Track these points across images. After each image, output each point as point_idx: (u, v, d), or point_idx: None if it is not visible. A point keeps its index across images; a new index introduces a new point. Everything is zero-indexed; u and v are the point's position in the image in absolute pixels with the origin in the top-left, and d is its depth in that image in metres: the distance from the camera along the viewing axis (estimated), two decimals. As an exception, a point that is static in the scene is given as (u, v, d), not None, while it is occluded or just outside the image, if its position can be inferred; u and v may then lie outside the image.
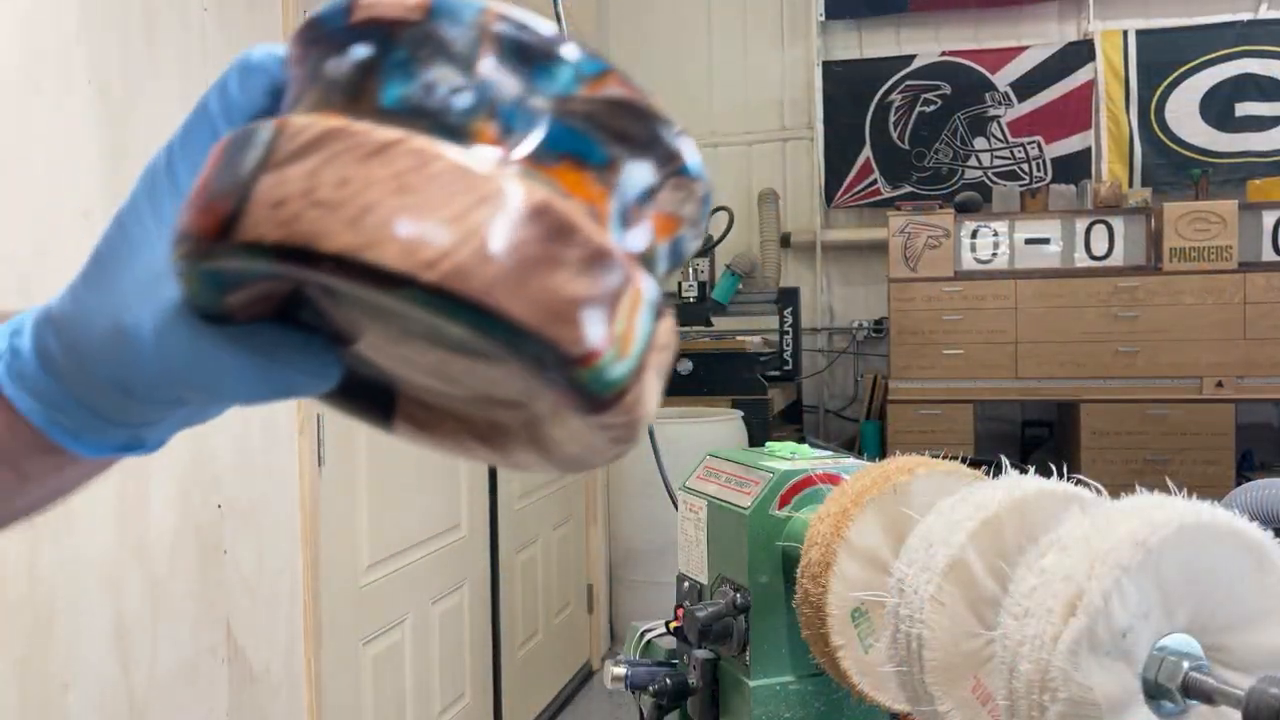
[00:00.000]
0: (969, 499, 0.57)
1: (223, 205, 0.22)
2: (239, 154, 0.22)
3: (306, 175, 0.21)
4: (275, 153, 0.22)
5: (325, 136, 0.21)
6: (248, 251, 0.22)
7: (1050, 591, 0.48)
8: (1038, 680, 0.48)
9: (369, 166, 0.21)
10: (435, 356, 0.26)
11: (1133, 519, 0.48)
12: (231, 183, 0.22)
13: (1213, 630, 0.50)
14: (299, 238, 0.21)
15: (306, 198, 0.21)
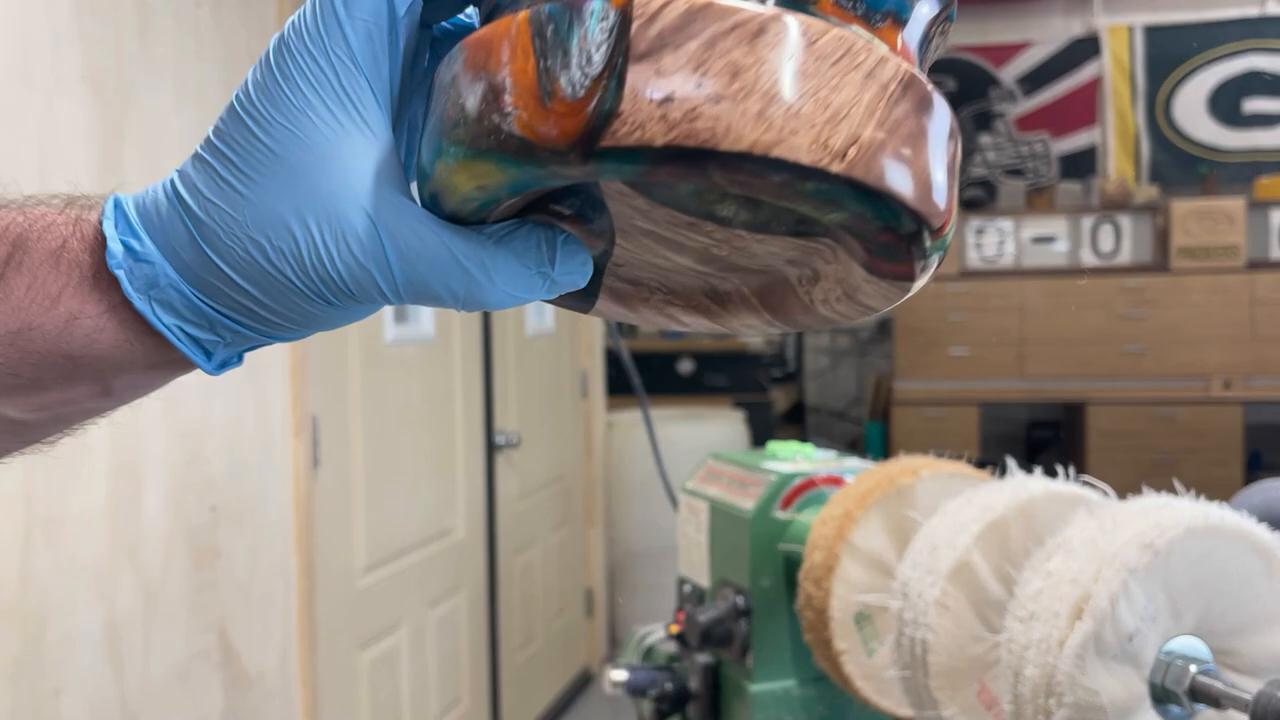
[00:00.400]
0: (974, 501, 0.57)
1: (585, 102, 0.19)
2: (572, 34, 0.20)
3: (691, 64, 0.19)
4: (637, 37, 0.19)
5: (694, 16, 0.19)
6: (625, 157, 0.19)
7: (1056, 595, 0.48)
8: (1044, 684, 0.47)
9: (756, 49, 0.19)
10: (701, 236, 0.25)
11: (1140, 521, 0.48)
12: (587, 74, 0.19)
13: (1221, 633, 0.49)
14: (697, 137, 0.19)
15: (700, 91, 0.19)
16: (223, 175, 0.24)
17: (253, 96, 0.24)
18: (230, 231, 0.24)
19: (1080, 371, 3.49)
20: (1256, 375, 3.37)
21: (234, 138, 0.24)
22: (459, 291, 0.24)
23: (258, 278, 0.24)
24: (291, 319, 0.25)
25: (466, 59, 0.22)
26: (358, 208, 0.23)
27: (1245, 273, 3.37)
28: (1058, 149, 3.90)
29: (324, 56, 0.23)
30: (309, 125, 0.23)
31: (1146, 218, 3.52)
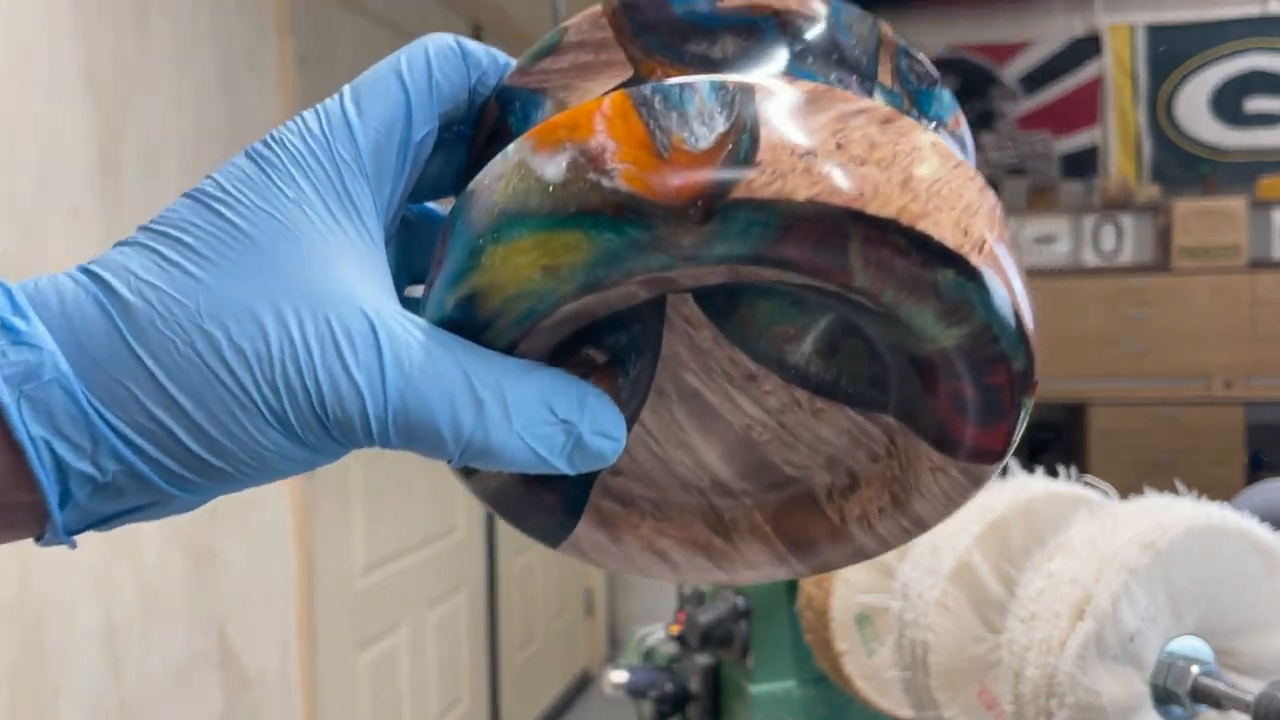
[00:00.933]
0: (975, 501, 0.57)
1: (715, 151, 0.17)
2: (686, 104, 0.18)
3: (829, 129, 0.18)
4: (762, 104, 0.18)
5: (820, 96, 0.18)
6: (757, 215, 0.17)
7: (1057, 595, 0.48)
8: (1044, 685, 0.47)
9: (888, 132, 0.18)
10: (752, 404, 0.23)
11: (1141, 521, 0.47)
12: (707, 129, 0.17)
13: (1222, 634, 0.49)
14: (843, 195, 0.17)
15: (843, 152, 0.17)
16: (169, 258, 0.18)
17: (224, 185, 0.19)
18: (171, 318, 0.18)
19: (1081, 371, 3.49)
20: (1258, 375, 3.36)
21: (192, 222, 0.19)
22: (465, 427, 0.19)
23: (197, 384, 0.18)
24: (220, 453, 0.18)
25: (535, 144, 0.19)
26: (354, 307, 0.18)
27: (1247, 272, 3.37)
28: (1059, 148, 3.89)
29: (327, 156, 0.20)
30: (298, 215, 0.19)
31: (1148, 217, 3.52)
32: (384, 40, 1.74)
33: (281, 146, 0.20)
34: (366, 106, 0.21)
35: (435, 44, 0.22)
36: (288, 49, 1.40)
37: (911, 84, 0.22)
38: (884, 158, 0.18)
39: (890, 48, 0.22)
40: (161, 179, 1.16)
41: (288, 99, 1.39)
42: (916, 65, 0.22)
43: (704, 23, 0.21)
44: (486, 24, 2.15)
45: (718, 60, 0.21)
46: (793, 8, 0.21)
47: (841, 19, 0.22)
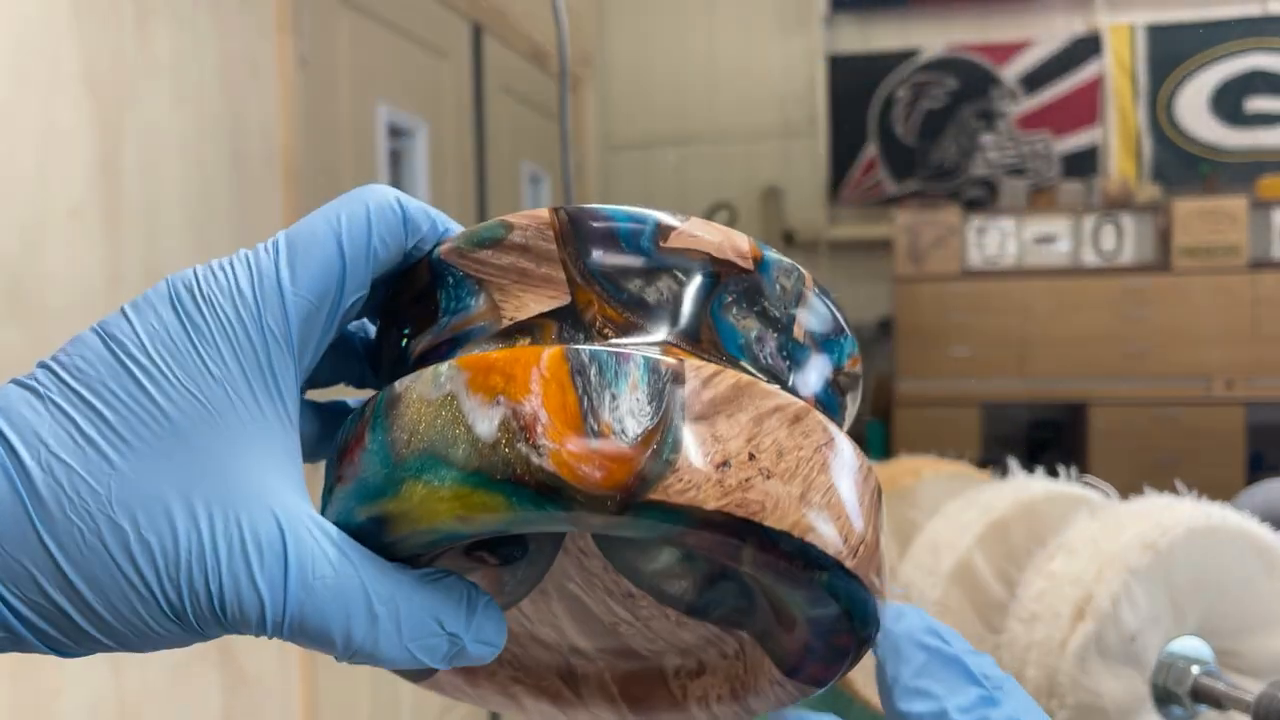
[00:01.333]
0: (976, 501, 0.57)
1: (640, 450, 0.18)
2: (622, 380, 0.19)
3: (744, 435, 0.19)
4: (692, 399, 0.19)
5: (741, 391, 0.19)
6: (668, 515, 0.18)
7: (1058, 595, 0.47)
8: (1045, 685, 0.47)
9: (795, 435, 0.20)
10: (626, 611, 0.25)
11: (1141, 521, 0.47)
12: (641, 423, 0.18)
13: (1223, 634, 0.49)
14: (748, 507, 0.18)
15: (754, 463, 0.19)
16: (87, 434, 0.18)
17: (148, 348, 0.19)
18: (81, 504, 0.18)
19: (1082, 371, 3.49)
20: (1259, 375, 3.36)
21: (112, 389, 0.18)
22: (356, 638, 0.19)
23: (99, 573, 0.18)
24: (109, 633, 0.18)
25: (469, 382, 0.19)
26: (265, 509, 0.18)
27: (1247, 272, 3.36)
28: (1059, 148, 3.89)
29: (256, 329, 0.19)
30: (222, 398, 0.19)
31: (1148, 217, 3.52)
32: (384, 40, 1.74)
33: (211, 310, 0.19)
34: (301, 272, 0.20)
35: (376, 203, 0.21)
36: (288, 49, 1.40)
37: (819, 335, 0.24)
38: (788, 469, 0.19)
39: (808, 300, 0.23)
40: (161, 179, 1.16)
41: (287, 98, 1.39)
42: (827, 316, 0.24)
43: (644, 259, 0.22)
44: (486, 24, 2.15)
45: (651, 305, 0.21)
46: (730, 259, 0.22)
47: (771, 274, 0.23)
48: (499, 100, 2.22)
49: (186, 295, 0.19)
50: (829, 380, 0.24)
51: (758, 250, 0.22)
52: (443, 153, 1.95)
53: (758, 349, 0.22)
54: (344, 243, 0.20)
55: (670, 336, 0.21)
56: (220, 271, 0.20)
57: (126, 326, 0.19)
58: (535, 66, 2.41)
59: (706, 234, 0.22)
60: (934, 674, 0.19)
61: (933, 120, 3.93)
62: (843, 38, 4.07)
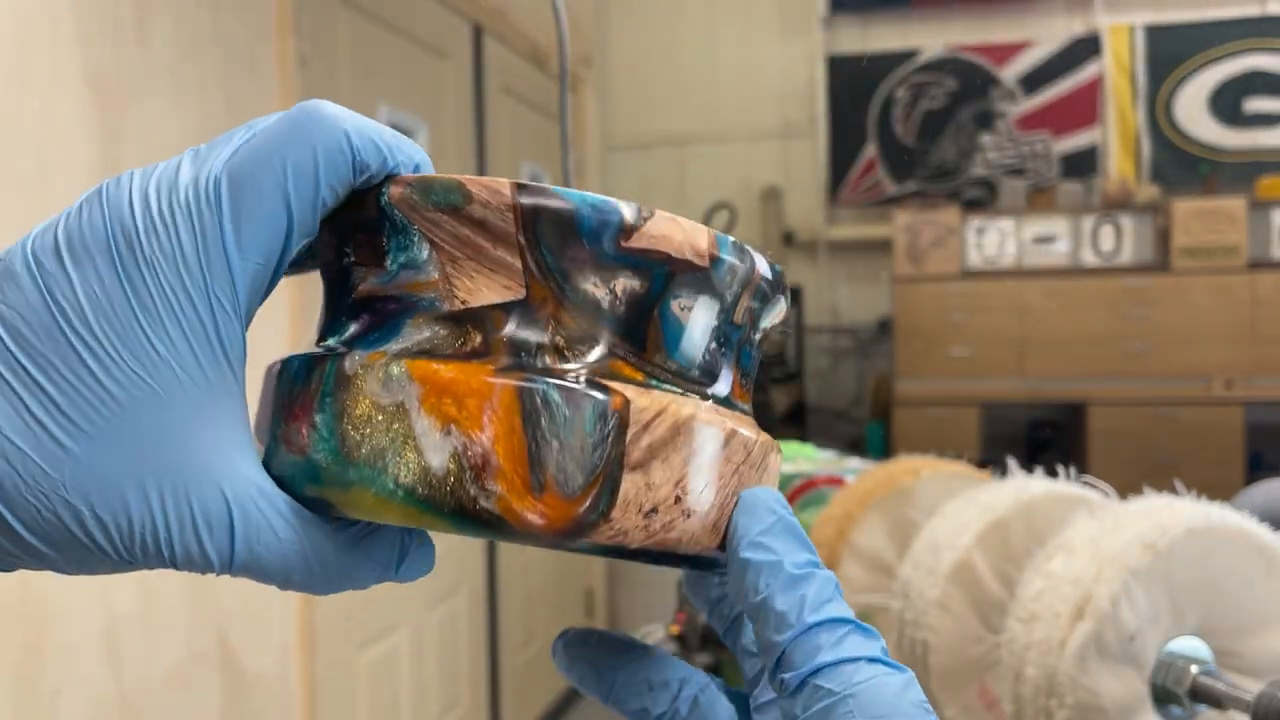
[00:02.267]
0: (975, 501, 0.57)
1: (578, 503, 0.20)
2: (570, 428, 0.20)
3: (674, 479, 0.21)
4: (631, 446, 0.20)
5: (678, 430, 0.21)
6: (596, 550, 0.21)
7: (1058, 595, 0.48)
8: (1044, 685, 0.47)
9: (719, 466, 0.22)
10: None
11: (1141, 521, 0.47)
12: (584, 474, 0.20)
13: (1222, 634, 0.49)
14: (666, 544, 0.21)
15: (679, 505, 0.21)
16: (38, 416, 0.18)
17: (89, 316, 0.18)
18: (36, 487, 0.18)
19: (1081, 372, 3.49)
20: (1258, 375, 3.36)
21: (58, 367, 0.18)
22: (294, 580, 0.21)
23: (57, 539, 0.19)
24: (67, 568, 0.20)
25: (422, 398, 0.20)
26: (214, 486, 0.19)
27: (1247, 273, 3.37)
28: (1058, 148, 3.89)
29: (203, 299, 0.19)
30: (171, 379, 0.19)
31: (1148, 217, 3.52)
32: (384, 40, 1.74)
33: (155, 277, 0.19)
34: (247, 233, 0.19)
35: (324, 145, 0.20)
36: (288, 49, 1.40)
37: (762, 307, 0.25)
38: (704, 503, 0.22)
39: (754, 281, 0.24)
40: None
41: (288, 99, 1.39)
42: (768, 290, 0.24)
43: (602, 257, 0.21)
44: (486, 24, 2.15)
45: (604, 309, 0.21)
46: (687, 258, 0.22)
47: (723, 269, 0.23)
48: (499, 100, 2.22)
49: (127, 252, 0.18)
50: (756, 345, 0.25)
51: (715, 248, 0.22)
52: (443, 153, 1.95)
53: (699, 345, 0.23)
54: (290, 197, 0.20)
55: (616, 346, 0.21)
56: (161, 225, 0.19)
57: (66, 286, 0.18)
58: (535, 66, 2.41)
59: (669, 233, 0.21)
60: (777, 535, 0.21)
61: (932, 120, 3.93)
62: (842, 38, 4.07)
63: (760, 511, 0.22)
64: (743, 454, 0.22)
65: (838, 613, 0.20)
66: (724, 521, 0.22)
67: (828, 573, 0.21)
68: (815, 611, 0.20)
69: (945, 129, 3.93)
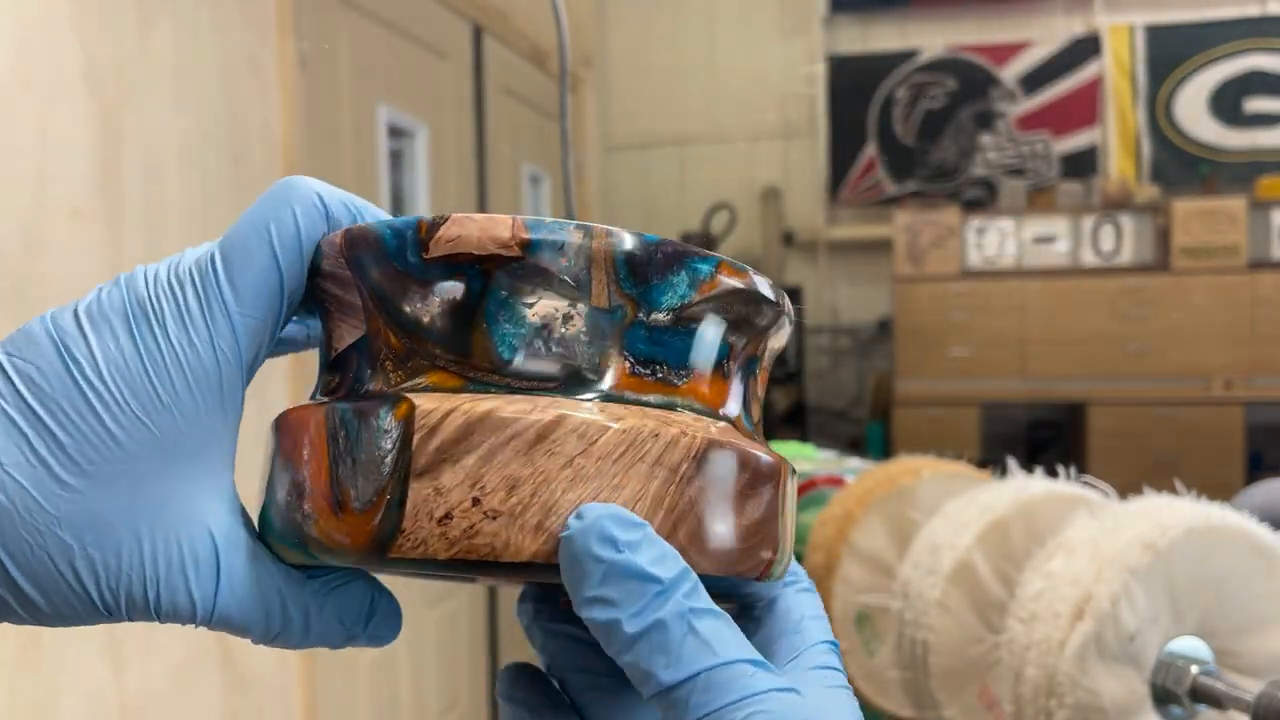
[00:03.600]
0: (975, 501, 0.57)
1: (370, 517, 0.20)
2: (360, 443, 0.20)
3: (468, 481, 0.19)
4: (418, 452, 0.20)
5: (471, 428, 0.20)
6: (412, 565, 0.20)
7: (1057, 595, 0.48)
8: (1044, 685, 0.47)
9: (534, 459, 0.20)
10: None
11: (1141, 521, 0.47)
12: (372, 488, 0.20)
13: (1222, 634, 0.49)
14: (478, 552, 0.19)
15: (478, 508, 0.19)
16: (40, 454, 0.19)
17: (101, 367, 0.19)
18: (31, 522, 0.19)
19: (1081, 371, 3.49)
20: (1258, 375, 3.37)
21: (66, 411, 0.19)
22: (271, 632, 0.22)
23: (41, 576, 0.19)
24: (40, 620, 0.20)
25: (281, 441, 0.22)
26: (204, 531, 0.20)
27: (1246, 273, 3.37)
28: (1058, 148, 3.89)
29: (209, 352, 0.20)
30: (173, 427, 0.20)
31: (1148, 217, 3.52)
32: (384, 40, 1.74)
33: (165, 335, 0.20)
34: (244, 290, 0.21)
35: (301, 206, 0.22)
36: (288, 49, 1.40)
37: (636, 283, 0.22)
38: (519, 501, 0.19)
39: (603, 257, 0.21)
40: (162, 179, 1.16)
41: (288, 99, 1.39)
42: (638, 260, 0.21)
43: (415, 274, 0.21)
44: (486, 24, 2.15)
45: (426, 325, 0.21)
46: (493, 252, 0.21)
47: (547, 250, 0.21)
48: (499, 100, 2.22)
49: (142, 317, 0.20)
50: (667, 324, 0.22)
51: (523, 232, 0.21)
52: (443, 153, 1.95)
53: (542, 339, 0.21)
54: (279, 255, 0.21)
55: (439, 357, 0.21)
56: (169, 291, 0.21)
57: (84, 346, 0.20)
58: (535, 67, 2.41)
59: (464, 231, 0.21)
60: (611, 584, 0.19)
61: (932, 120, 3.93)
62: (842, 38, 4.07)
63: (584, 563, 0.19)
64: (578, 445, 0.20)
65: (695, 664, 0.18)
66: (558, 523, 0.19)
67: (675, 608, 0.18)
68: (670, 670, 0.18)
69: (945, 129, 3.93)
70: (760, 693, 0.18)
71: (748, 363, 0.24)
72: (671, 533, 0.20)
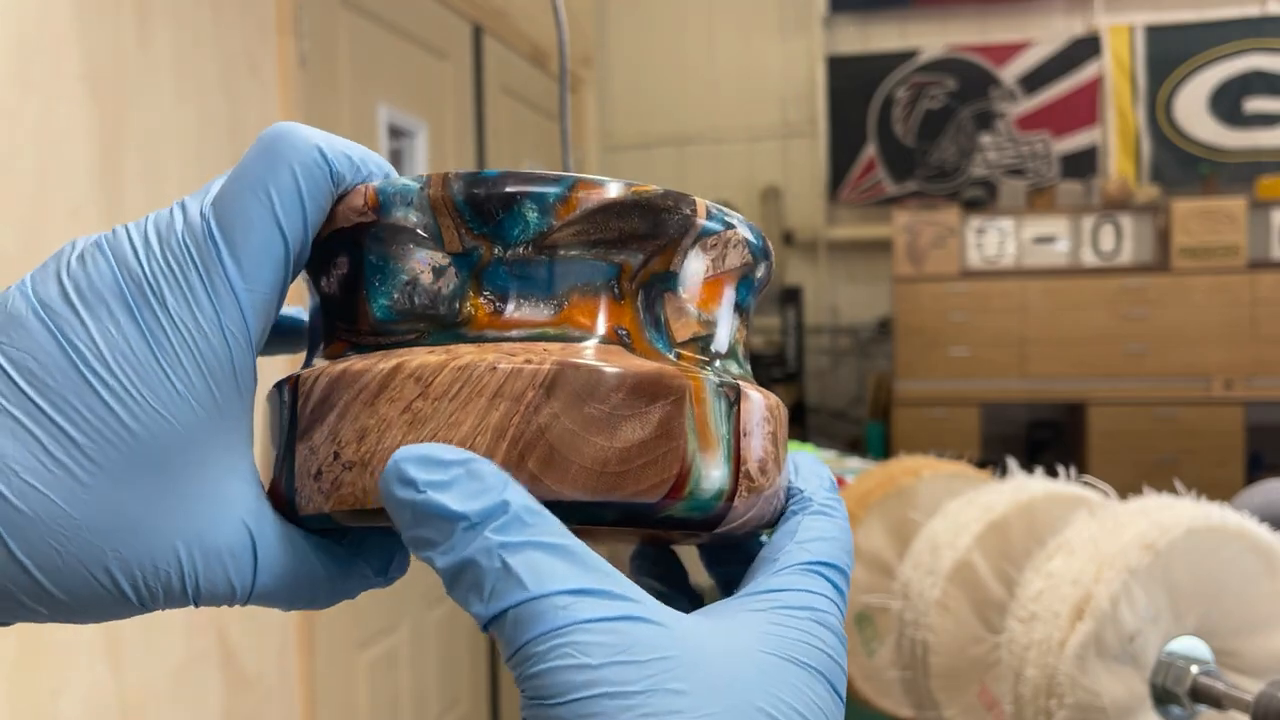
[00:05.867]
0: (975, 501, 0.57)
1: (279, 482, 0.22)
2: (278, 418, 0.22)
3: (329, 438, 0.21)
4: (299, 417, 0.21)
5: (331, 387, 0.21)
6: (317, 521, 0.21)
7: (1057, 595, 0.48)
8: (1044, 685, 0.47)
9: (378, 409, 0.20)
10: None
11: (1141, 521, 0.47)
12: (278, 456, 0.22)
13: (1222, 634, 0.49)
14: (347, 502, 0.20)
15: (338, 461, 0.20)
16: (57, 457, 0.18)
17: (106, 358, 0.18)
18: (58, 531, 0.18)
19: (1081, 372, 3.49)
20: (1258, 375, 3.37)
21: (78, 408, 0.18)
22: (300, 600, 0.21)
23: (74, 584, 0.18)
24: (77, 616, 0.19)
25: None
26: (237, 521, 0.20)
27: (1246, 273, 3.37)
28: (1058, 149, 3.89)
29: (215, 331, 0.19)
30: (189, 415, 0.19)
31: (1147, 217, 3.52)
32: (384, 40, 1.74)
33: (170, 320, 0.19)
34: (249, 266, 0.20)
35: (301, 163, 0.20)
36: (288, 49, 1.40)
37: (486, 224, 0.21)
38: (369, 450, 0.20)
39: (445, 203, 0.21)
40: (162, 179, 1.16)
41: (288, 99, 1.39)
42: (481, 198, 0.21)
43: (318, 255, 0.23)
44: (486, 24, 2.15)
45: (332, 302, 0.23)
46: (355, 222, 0.22)
47: (394, 208, 0.21)
48: (499, 100, 2.22)
49: (139, 296, 0.19)
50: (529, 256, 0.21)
51: (374, 197, 0.21)
52: (443, 153, 1.95)
53: (407, 295, 0.21)
54: (282, 222, 0.20)
55: (339, 329, 0.23)
56: (167, 268, 0.19)
57: (82, 331, 0.19)
58: (535, 66, 2.41)
59: (336, 208, 0.22)
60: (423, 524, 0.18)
61: (932, 121, 3.93)
62: (842, 38, 4.07)
63: (393, 506, 0.18)
64: (415, 389, 0.20)
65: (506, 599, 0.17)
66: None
67: (483, 544, 0.18)
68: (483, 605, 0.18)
69: (945, 129, 3.93)
70: (573, 624, 0.17)
71: (655, 279, 0.22)
72: (519, 463, 0.19)
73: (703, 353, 0.23)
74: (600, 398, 0.20)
